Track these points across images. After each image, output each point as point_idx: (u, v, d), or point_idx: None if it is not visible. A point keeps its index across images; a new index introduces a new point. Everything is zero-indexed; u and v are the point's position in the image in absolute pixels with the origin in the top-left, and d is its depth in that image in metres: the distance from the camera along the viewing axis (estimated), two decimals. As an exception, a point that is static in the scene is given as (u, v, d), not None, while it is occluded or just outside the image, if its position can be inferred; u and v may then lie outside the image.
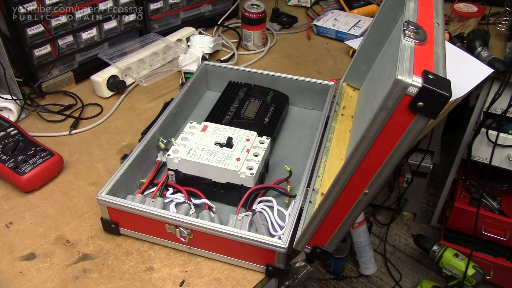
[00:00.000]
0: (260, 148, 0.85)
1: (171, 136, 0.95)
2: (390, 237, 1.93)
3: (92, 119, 1.07)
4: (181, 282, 0.72)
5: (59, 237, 0.79)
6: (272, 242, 0.69)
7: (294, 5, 1.60)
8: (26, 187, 0.86)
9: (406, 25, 0.61)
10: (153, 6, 1.24)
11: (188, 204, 0.81)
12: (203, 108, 1.07)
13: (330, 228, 0.66)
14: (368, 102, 0.82)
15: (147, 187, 0.85)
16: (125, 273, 0.73)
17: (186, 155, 0.81)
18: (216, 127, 0.89)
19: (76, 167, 0.93)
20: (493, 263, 1.63)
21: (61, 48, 1.10)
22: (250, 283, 0.73)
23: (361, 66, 0.99)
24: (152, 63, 1.19)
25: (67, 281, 0.72)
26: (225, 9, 1.43)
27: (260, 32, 1.31)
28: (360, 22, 1.43)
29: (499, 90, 1.31)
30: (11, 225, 0.81)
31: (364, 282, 1.78)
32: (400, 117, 0.52)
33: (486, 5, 1.45)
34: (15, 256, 0.76)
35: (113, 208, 0.76)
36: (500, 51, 1.33)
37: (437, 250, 1.55)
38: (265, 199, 0.83)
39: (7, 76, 1.01)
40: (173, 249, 0.77)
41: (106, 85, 1.11)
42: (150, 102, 1.12)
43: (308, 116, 1.07)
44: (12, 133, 0.91)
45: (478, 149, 1.50)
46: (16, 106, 1.03)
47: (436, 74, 0.51)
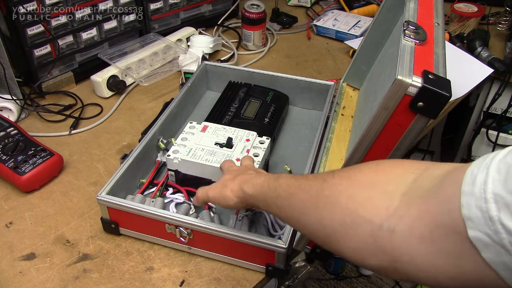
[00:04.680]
0: (260, 148, 0.85)
1: (171, 136, 0.95)
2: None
3: (92, 119, 1.07)
4: (181, 282, 0.72)
5: (59, 237, 0.79)
6: (272, 242, 0.69)
7: (294, 5, 1.60)
8: (26, 187, 0.86)
9: (406, 25, 0.61)
10: (153, 6, 1.24)
11: (188, 204, 0.81)
12: (203, 108, 1.07)
13: (330, 228, 0.66)
14: (368, 102, 0.82)
15: (147, 187, 0.85)
16: (125, 273, 0.73)
17: (186, 156, 0.81)
18: (216, 127, 0.89)
19: (76, 167, 0.93)
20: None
21: (61, 48, 1.10)
22: (250, 283, 0.73)
23: (361, 66, 0.99)
24: (152, 63, 1.19)
25: (67, 281, 0.72)
26: (225, 9, 1.43)
27: (260, 32, 1.31)
28: (360, 22, 1.43)
29: (499, 90, 1.31)
30: (11, 225, 0.81)
31: (364, 282, 1.78)
32: (400, 117, 0.52)
33: (486, 5, 1.45)
34: (15, 256, 0.76)
35: (113, 208, 0.76)
36: (500, 51, 1.33)
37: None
38: (265, 199, 0.83)
39: (7, 76, 1.01)
40: (173, 249, 0.77)
41: (106, 85, 1.11)
42: (150, 102, 1.12)
43: (308, 116, 1.07)
44: (12, 133, 0.91)
45: (478, 149, 1.50)
46: (16, 106, 1.03)
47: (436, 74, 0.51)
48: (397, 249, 0.37)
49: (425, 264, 0.36)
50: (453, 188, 0.34)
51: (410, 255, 0.36)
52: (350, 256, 0.42)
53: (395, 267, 0.38)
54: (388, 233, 0.38)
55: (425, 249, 0.35)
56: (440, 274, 0.35)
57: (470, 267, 0.33)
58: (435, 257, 0.35)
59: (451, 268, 0.34)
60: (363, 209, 0.41)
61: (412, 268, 0.37)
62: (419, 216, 0.36)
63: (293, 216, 0.50)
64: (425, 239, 0.35)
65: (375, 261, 0.40)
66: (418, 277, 0.37)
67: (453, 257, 0.34)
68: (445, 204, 0.34)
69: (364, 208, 0.41)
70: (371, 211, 0.40)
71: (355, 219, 0.41)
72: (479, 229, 0.31)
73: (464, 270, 0.34)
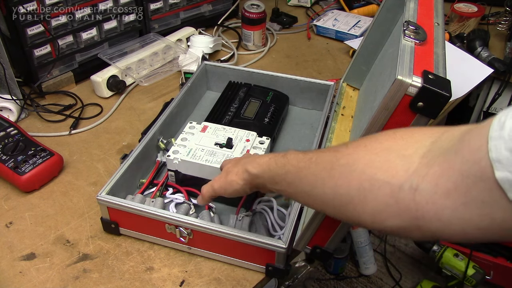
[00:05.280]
0: (260, 149, 0.85)
1: (171, 136, 0.95)
2: (390, 237, 1.93)
3: (92, 119, 1.07)
4: (181, 282, 0.72)
5: (59, 237, 0.79)
6: (272, 242, 0.69)
7: (294, 5, 1.60)
8: (26, 187, 0.86)
9: (406, 25, 0.61)
10: (153, 6, 1.24)
11: (188, 204, 0.81)
12: (203, 108, 1.07)
13: (330, 228, 0.66)
14: (368, 102, 0.82)
15: (147, 187, 0.85)
16: (125, 273, 0.73)
17: (186, 156, 0.81)
18: (216, 127, 0.89)
19: (76, 167, 0.93)
20: (493, 263, 1.62)
21: (61, 48, 1.10)
22: (250, 283, 0.73)
23: (361, 66, 0.99)
24: (152, 63, 1.19)
25: (67, 281, 0.72)
26: (225, 9, 1.43)
27: (260, 32, 1.31)
28: (360, 22, 1.43)
29: (499, 90, 1.31)
30: (11, 225, 0.81)
31: (364, 282, 1.78)
32: (400, 117, 0.52)
33: (486, 5, 1.45)
34: (15, 256, 0.76)
35: (113, 208, 0.76)
36: (500, 51, 1.33)
37: (437, 250, 1.55)
38: (265, 199, 0.83)
39: (7, 76, 1.01)
40: (173, 249, 0.77)
41: (106, 85, 1.11)
42: (150, 102, 1.12)
43: (308, 116, 1.07)
44: (12, 133, 0.91)
45: (478, 149, 1.50)
46: (16, 106, 1.03)
47: (436, 74, 0.51)
48: (421, 207, 0.38)
49: (451, 218, 0.36)
50: (479, 140, 0.35)
51: (435, 210, 0.37)
52: (369, 220, 0.43)
53: (418, 225, 0.39)
54: (410, 192, 0.38)
55: (452, 203, 0.36)
56: (468, 226, 0.36)
57: (498, 212, 0.34)
58: (463, 209, 0.36)
59: (479, 218, 0.35)
60: (381, 172, 0.41)
61: (438, 224, 0.37)
62: (443, 173, 0.37)
63: (303, 190, 0.50)
64: (450, 193, 0.36)
65: (397, 221, 0.40)
66: (444, 233, 0.38)
67: (481, 205, 0.34)
68: (471, 155, 0.35)
69: (383, 171, 0.41)
70: (390, 173, 0.40)
71: (373, 183, 0.41)
72: (508, 170, 0.32)
73: (492, 217, 0.34)
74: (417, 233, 0.40)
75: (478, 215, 0.35)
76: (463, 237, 0.37)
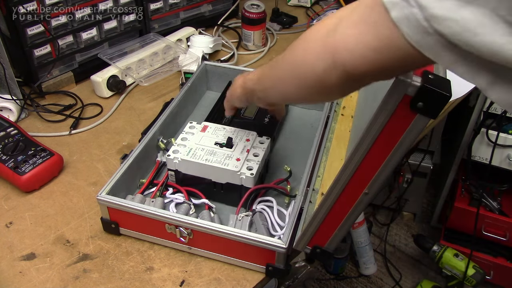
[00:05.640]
0: (260, 148, 0.85)
1: (171, 136, 0.95)
2: (390, 237, 1.93)
3: (92, 119, 1.07)
4: (181, 282, 0.72)
5: (59, 237, 0.79)
6: (272, 242, 0.69)
7: (294, 5, 1.60)
8: (26, 187, 0.86)
9: (406, 25, 0.61)
10: (153, 6, 1.24)
11: (188, 204, 0.81)
12: (203, 108, 1.07)
13: (330, 228, 0.66)
14: (368, 102, 0.82)
15: (147, 187, 0.85)
16: (125, 273, 0.73)
17: (186, 156, 0.81)
18: (216, 127, 0.89)
19: (76, 167, 0.93)
20: (493, 263, 1.62)
21: (61, 48, 1.10)
22: (250, 283, 0.73)
23: (361, 66, 0.99)
24: (152, 63, 1.19)
25: (67, 281, 0.72)
26: (225, 9, 1.43)
27: (260, 32, 1.31)
28: (360, 22, 1.43)
29: (499, 90, 1.31)
30: (11, 225, 0.81)
31: (364, 282, 1.78)
32: (400, 117, 0.52)
33: (486, 5, 1.45)
34: (15, 256, 0.76)
35: (113, 208, 0.76)
36: (500, 51, 1.33)
37: (437, 250, 1.55)
38: (265, 199, 0.83)
39: (7, 76, 1.01)
40: (173, 249, 0.77)
41: (106, 85, 1.11)
42: (150, 102, 1.12)
43: (308, 116, 1.07)
44: (12, 133, 0.91)
45: (478, 149, 1.50)
46: (16, 106, 1.03)
47: (436, 74, 0.51)
48: (336, 43, 0.46)
49: (354, 44, 0.44)
50: None
51: (344, 41, 0.45)
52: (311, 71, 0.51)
53: (333, 60, 0.46)
54: (332, 35, 0.47)
55: (354, 30, 0.44)
56: (366, 49, 0.43)
57: (385, 31, 0.41)
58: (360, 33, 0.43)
59: (372, 38, 0.42)
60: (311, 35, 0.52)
61: (347, 54, 0.45)
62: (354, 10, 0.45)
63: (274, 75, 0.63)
64: (356, 23, 0.44)
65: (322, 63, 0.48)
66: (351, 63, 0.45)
67: (373, 27, 0.42)
68: None
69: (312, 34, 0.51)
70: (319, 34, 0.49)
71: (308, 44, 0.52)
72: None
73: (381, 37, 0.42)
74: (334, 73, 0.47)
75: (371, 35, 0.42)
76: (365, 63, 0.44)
